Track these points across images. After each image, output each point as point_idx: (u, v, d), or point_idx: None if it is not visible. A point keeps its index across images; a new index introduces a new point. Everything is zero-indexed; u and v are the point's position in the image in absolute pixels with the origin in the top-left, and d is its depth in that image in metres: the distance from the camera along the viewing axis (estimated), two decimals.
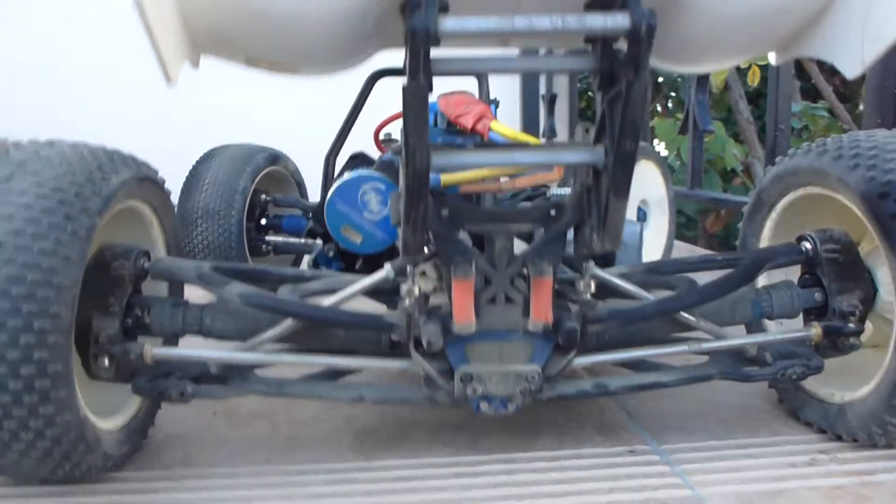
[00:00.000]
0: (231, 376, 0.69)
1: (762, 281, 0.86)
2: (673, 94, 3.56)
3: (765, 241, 0.84)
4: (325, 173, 1.23)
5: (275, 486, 0.66)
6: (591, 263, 0.68)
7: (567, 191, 0.82)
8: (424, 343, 0.63)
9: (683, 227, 2.94)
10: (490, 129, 0.84)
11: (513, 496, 0.64)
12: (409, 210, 0.58)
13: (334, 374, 0.75)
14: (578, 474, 0.68)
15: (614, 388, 0.71)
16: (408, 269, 0.65)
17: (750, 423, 0.80)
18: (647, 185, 1.44)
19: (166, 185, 0.76)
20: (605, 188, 0.59)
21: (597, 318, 0.68)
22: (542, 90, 2.76)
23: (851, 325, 0.72)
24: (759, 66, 1.71)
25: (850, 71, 0.64)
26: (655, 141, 3.31)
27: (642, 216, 1.45)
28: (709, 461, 0.70)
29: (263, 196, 1.39)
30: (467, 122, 0.85)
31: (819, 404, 0.77)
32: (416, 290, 0.64)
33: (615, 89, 0.58)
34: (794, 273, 0.79)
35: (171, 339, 0.75)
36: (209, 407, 0.85)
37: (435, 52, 0.52)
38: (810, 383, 0.78)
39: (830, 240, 0.74)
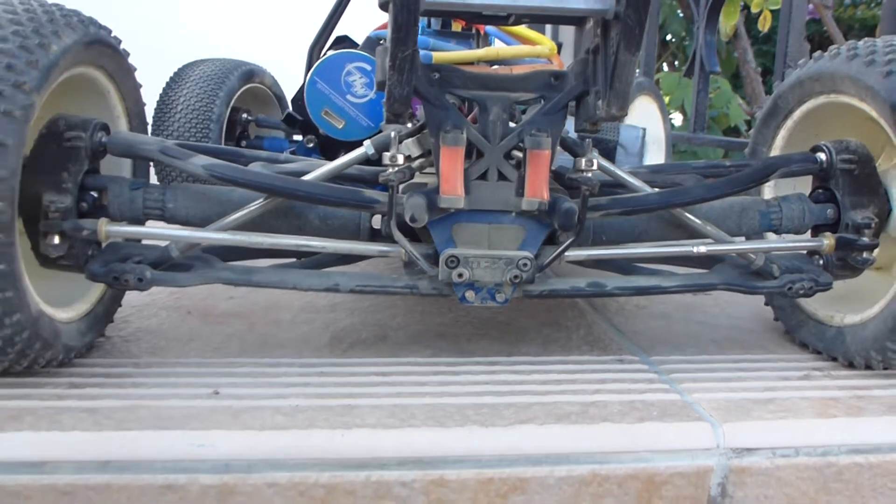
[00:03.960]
0: (195, 263, 0.64)
1: (771, 194, 0.82)
2: (681, 52, 3.51)
3: (776, 151, 0.80)
4: (309, 64, 1.17)
5: (246, 375, 0.63)
6: (594, 148, 0.64)
7: None
8: (407, 217, 0.58)
9: None
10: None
11: (493, 392, 0.61)
12: (395, 51, 0.53)
13: (309, 266, 0.71)
14: (563, 377, 0.65)
15: (611, 288, 0.67)
16: (391, 136, 0.60)
17: (742, 343, 0.77)
18: (646, 121, 1.40)
19: (130, 60, 0.70)
20: (614, 42, 0.55)
21: (597, 205, 0.64)
22: None
23: (865, 239, 0.68)
24: (771, 11, 1.66)
25: None
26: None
27: None
28: (699, 372, 0.68)
29: (244, 115, 1.33)
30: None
31: (817, 325, 0.74)
32: (400, 160, 0.59)
33: None
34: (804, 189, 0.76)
35: (133, 224, 0.68)
36: (184, 306, 0.82)
37: None
38: (810, 303, 0.76)
39: (846, 150, 0.69)
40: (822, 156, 0.70)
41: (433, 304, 0.84)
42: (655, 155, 1.47)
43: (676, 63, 3.51)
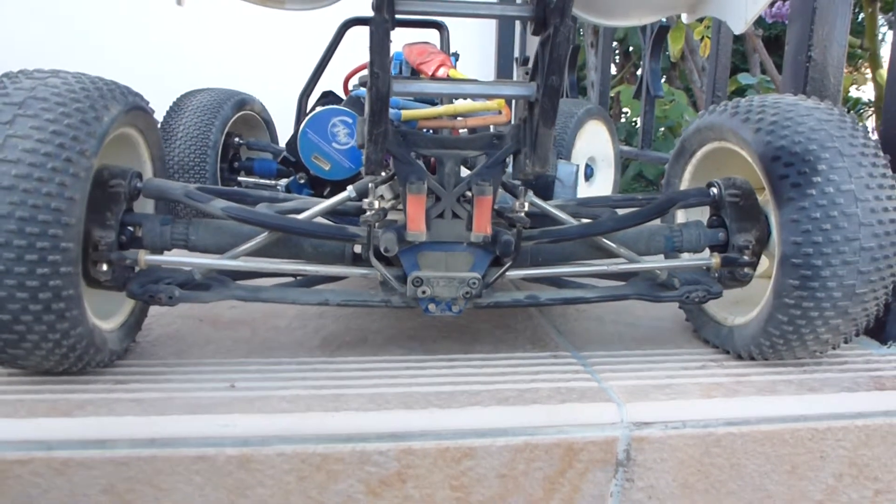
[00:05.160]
0: (213, 284, 0.79)
1: (682, 219, 1.00)
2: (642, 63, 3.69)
3: (685, 182, 0.97)
4: (299, 110, 1.34)
5: (255, 372, 0.79)
6: (529, 190, 0.80)
7: None
8: (382, 249, 0.75)
9: (644, 189, 3.09)
10: (448, 75, 0.95)
11: (452, 383, 0.77)
12: (372, 129, 0.69)
13: (304, 284, 0.87)
14: (507, 370, 0.82)
15: (544, 299, 0.84)
16: (369, 186, 0.76)
17: (658, 340, 0.94)
18: (596, 143, 1.57)
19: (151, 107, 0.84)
20: (536, 118, 0.71)
21: (529, 236, 0.80)
22: (517, 53, 2.88)
23: (745, 258, 0.85)
24: (710, 38, 1.83)
25: (737, 28, 0.77)
26: (624, 109, 3.44)
27: (590, 172, 1.59)
28: (617, 364, 0.85)
29: (237, 139, 1.48)
30: (428, 69, 0.96)
31: (715, 325, 0.92)
32: (376, 205, 0.75)
33: (546, 33, 0.70)
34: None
35: (160, 252, 0.83)
36: (196, 315, 0.98)
37: None
38: (711, 307, 0.93)
39: (733, 186, 0.86)
40: (714, 190, 0.87)
41: (405, 312, 1.01)
42: (605, 172, 1.65)
43: (639, 73, 3.70)
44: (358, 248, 0.83)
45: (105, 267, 0.75)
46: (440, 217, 0.78)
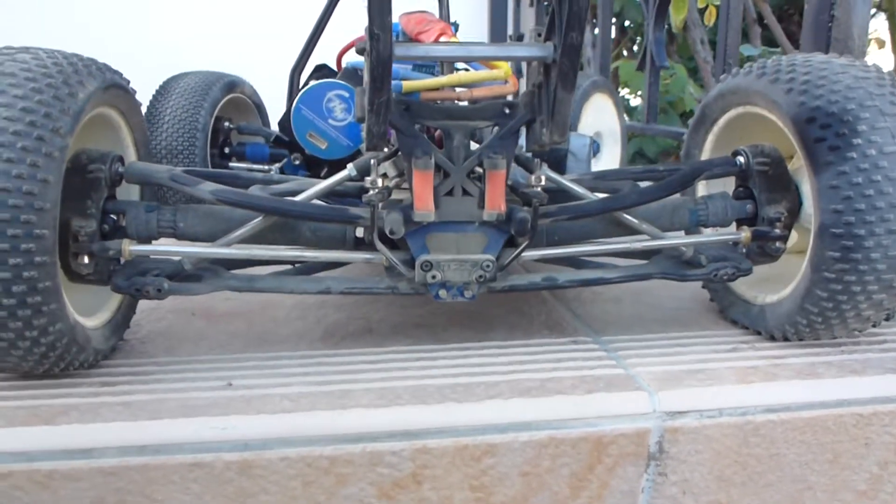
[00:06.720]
0: (205, 274, 0.74)
1: (703, 192, 0.93)
2: (639, 37, 3.62)
3: (706, 153, 0.91)
4: (291, 86, 1.26)
5: (252, 368, 0.73)
6: (544, 163, 0.74)
7: None
8: (387, 231, 0.69)
9: None
10: None
11: (466, 374, 0.72)
12: (373, 97, 0.63)
13: (302, 272, 0.81)
14: (525, 358, 0.76)
15: (562, 281, 0.78)
16: (371, 163, 0.70)
17: (683, 322, 0.88)
18: (602, 117, 1.51)
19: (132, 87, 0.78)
20: (553, 81, 0.65)
21: (546, 213, 0.74)
22: (510, 30, 2.80)
23: (777, 231, 0.79)
24: (716, 7, 1.77)
25: None
26: (625, 90, 3.37)
27: (596, 148, 1.53)
28: (642, 349, 0.79)
29: (226, 123, 1.41)
30: (428, 38, 0.89)
31: (744, 304, 0.86)
32: (380, 183, 0.69)
33: None
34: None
35: (146, 242, 0.77)
36: (188, 309, 0.92)
37: None
38: (738, 286, 0.87)
39: (762, 154, 0.80)
40: (740, 159, 0.81)
41: (411, 299, 0.95)
42: (612, 147, 1.59)
43: (636, 49, 3.62)
44: (360, 232, 0.76)
45: (87, 259, 0.69)
46: (449, 195, 0.71)
